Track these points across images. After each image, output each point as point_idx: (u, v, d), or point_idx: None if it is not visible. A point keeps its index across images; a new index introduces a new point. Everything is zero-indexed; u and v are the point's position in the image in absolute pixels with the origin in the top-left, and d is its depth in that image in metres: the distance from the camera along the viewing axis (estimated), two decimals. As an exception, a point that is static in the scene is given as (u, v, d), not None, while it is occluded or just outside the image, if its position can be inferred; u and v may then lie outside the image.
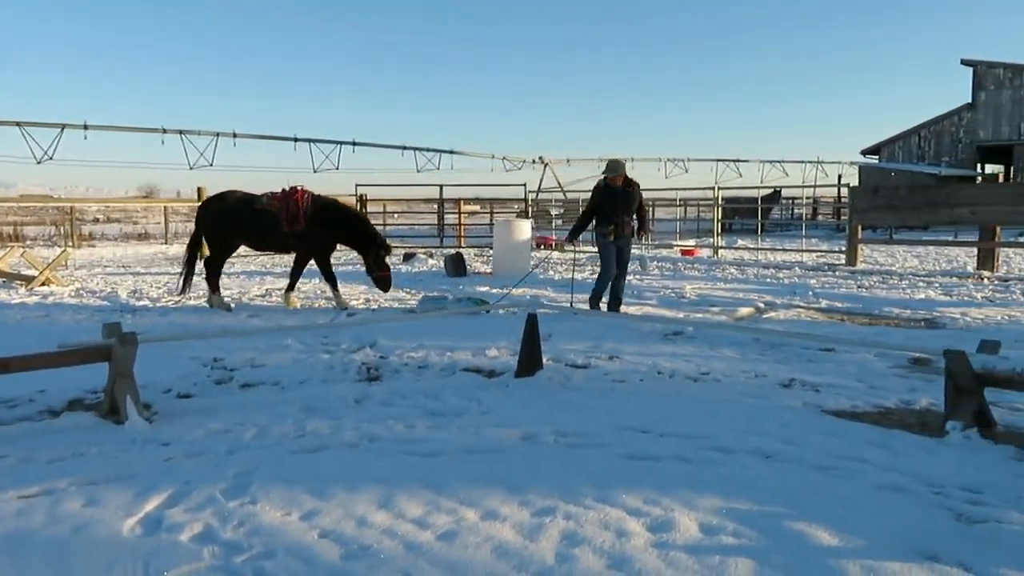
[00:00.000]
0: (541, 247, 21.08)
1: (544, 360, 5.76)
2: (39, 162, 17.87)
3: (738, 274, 13.68)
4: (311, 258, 9.58)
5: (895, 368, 5.91)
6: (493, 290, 11.14)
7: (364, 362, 6.21)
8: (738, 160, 34.47)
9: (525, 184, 22.61)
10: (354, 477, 3.51)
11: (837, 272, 13.53)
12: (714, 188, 20.86)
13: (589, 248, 13.23)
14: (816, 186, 33.48)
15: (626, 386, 5.37)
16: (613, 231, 8.44)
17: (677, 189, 26.51)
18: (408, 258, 16.46)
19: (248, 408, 4.81)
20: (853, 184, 26.72)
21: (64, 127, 18.52)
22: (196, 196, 18.89)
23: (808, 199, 33.90)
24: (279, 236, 9.24)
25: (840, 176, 36.20)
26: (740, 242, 22.05)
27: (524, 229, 14.71)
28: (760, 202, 25.10)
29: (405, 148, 24.98)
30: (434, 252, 18.49)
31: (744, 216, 29.02)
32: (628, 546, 2.82)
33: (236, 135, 20.95)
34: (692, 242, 21.38)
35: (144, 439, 4.13)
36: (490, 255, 16.32)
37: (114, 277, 13.47)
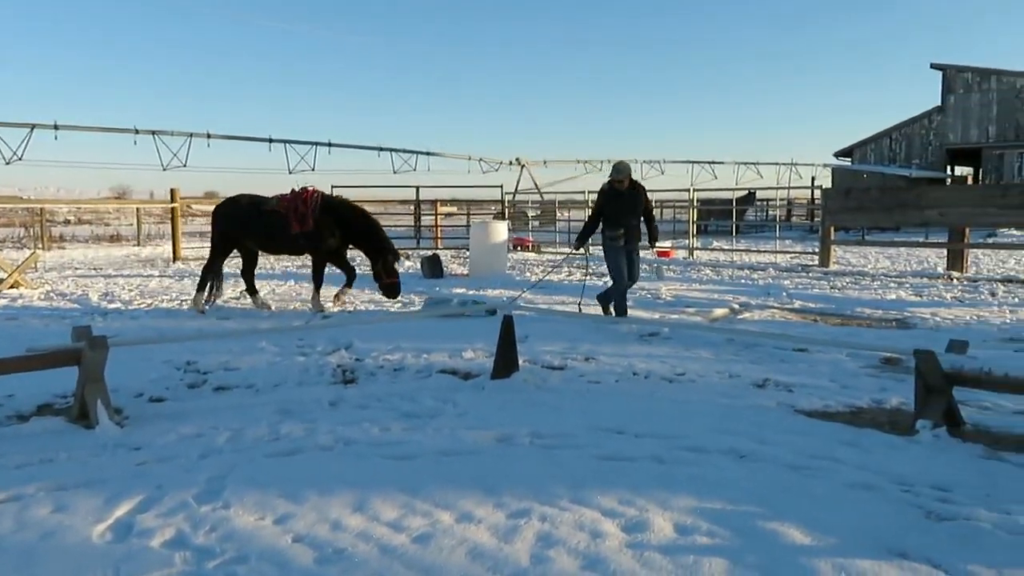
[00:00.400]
0: (518, 248, 21.11)
1: (520, 362, 5.77)
2: (8, 163, 17.59)
3: (713, 275, 13.79)
4: (326, 260, 9.50)
5: (867, 368, 5.98)
6: (469, 291, 11.14)
7: (339, 364, 6.18)
8: (713, 162, 34.83)
9: (502, 186, 22.64)
10: (329, 480, 3.48)
11: (810, 273, 13.67)
12: (689, 190, 21.02)
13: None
14: (790, 188, 33.93)
15: (602, 387, 5.39)
16: (623, 235, 8.17)
17: (653, 191, 26.65)
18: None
19: (221, 412, 4.76)
20: (826, 186, 27.05)
21: (34, 127, 18.24)
22: (169, 197, 18.68)
23: (782, 201, 34.27)
24: (288, 237, 9.17)
25: (813, 178, 36.67)
26: (715, 243, 22.23)
27: (501, 231, 14.73)
28: (735, 204, 25.30)
29: (381, 149, 24.94)
30: (411, 254, 18.42)
31: (719, 218, 29.24)
32: (603, 547, 2.83)
33: (210, 136, 20.78)
34: (668, 243, 21.50)
35: (115, 444, 4.08)
36: (467, 257, 16.31)
37: (85, 279, 13.28)
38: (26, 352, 4.76)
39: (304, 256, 10.60)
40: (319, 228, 9.05)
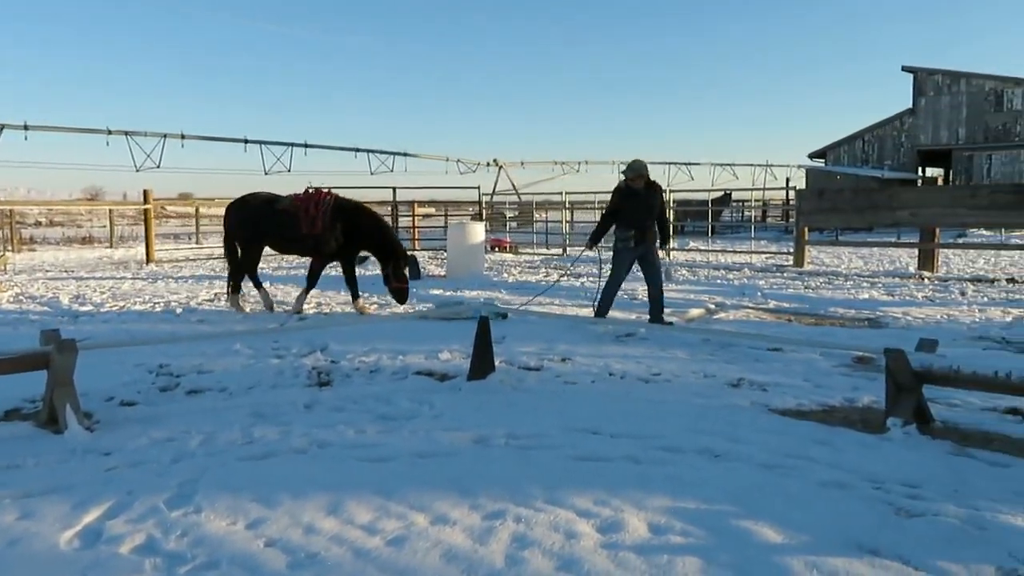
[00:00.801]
0: (495, 250, 21.11)
1: (497, 363, 5.76)
2: (-24, 163, 17.28)
3: (689, 275, 13.87)
4: (339, 260, 9.40)
5: (840, 367, 6.05)
6: (446, 292, 11.11)
7: (315, 367, 6.13)
8: (690, 163, 35.08)
9: (479, 187, 22.63)
10: (302, 484, 3.46)
11: (785, 273, 13.81)
12: (666, 191, 21.12)
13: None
14: (765, 189, 34.25)
15: (578, 388, 5.40)
16: (634, 236, 7.94)
17: (630, 192, 26.77)
18: (361, 261, 16.28)
19: (194, 415, 4.71)
20: (800, 187, 27.33)
21: (3, 127, 17.95)
22: (142, 198, 18.46)
23: (758, 202, 34.58)
24: (299, 238, 9.07)
25: (788, 179, 37.01)
26: (692, 244, 22.36)
27: (478, 232, 14.72)
28: (711, 204, 25.50)
29: (358, 150, 24.85)
30: (285, 255, 18.33)
31: (695, 218, 29.44)
32: (578, 547, 2.83)
33: (184, 136, 20.57)
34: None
35: (84, 449, 4.01)
36: (444, 258, 16.28)
37: (56, 282, 13.08)
38: (-7, 356, 4.67)
39: (285, 258, 10.52)
40: (327, 231, 8.95)
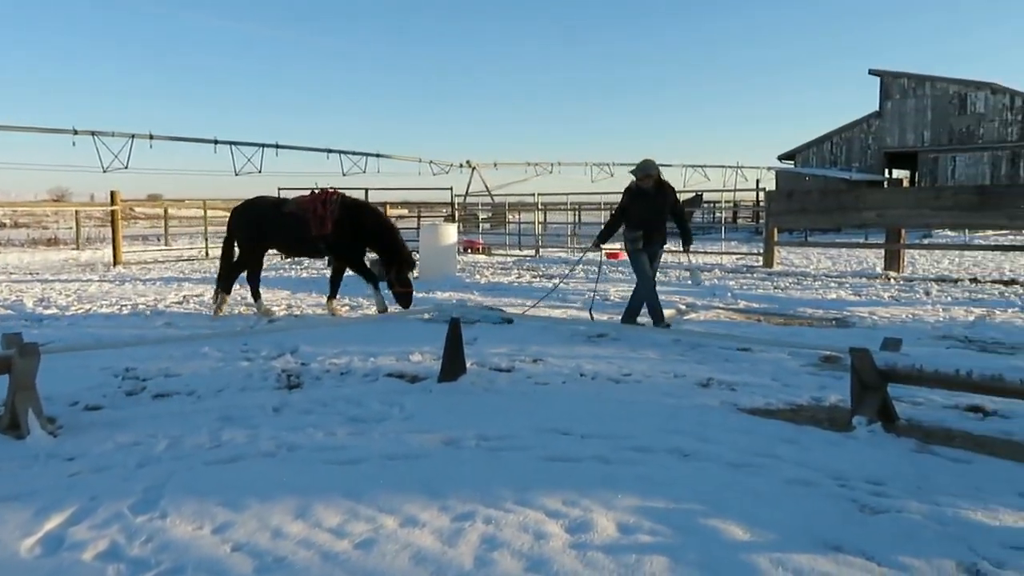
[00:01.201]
0: (468, 251, 21.09)
1: (468, 364, 5.76)
2: (-64, 164, 16.91)
3: (661, 276, 13.93)
4: (348, 262, 9.28)
5: (807, 366, 6.12)
6: (418, 294, 11.07)
7: (284, 369, 6.08)
8: (662, 165, 35.24)
9: (451, 188, 22.57)
10: (270, 487, 3.43)
11: (755, 274, 13.95)
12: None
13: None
14: (736, 190, 34.53)
15: (549, 388, 5.41)
16: (642, 237, 7.84)
17: (603, 193, 26.91)
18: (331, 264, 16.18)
19: (161, 419, 4.65)
20: (770, 188, 27.64)
21: (-36, 127, 17.60)
22: (110, 200, 18.19)
23: (728, 203, 34.90)
24: (307, 240, 8.95)
25: (758, 181, 37.42)
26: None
27: (450, 233, 14.71)
28: (685, 205, 25.65)
29: (330, 151, 24.68)
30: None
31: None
32: (547, 548, 2.84)
33: (152, 137, 20.29)
34: (617, 245, 21.70)
35: (47, 454, 3.94)
36: (416, 259, 16.21)
37: (20, 285, 12.83)
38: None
39: (265, 260, 10.39)
40: (338, 232, 8.84)
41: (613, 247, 20.24)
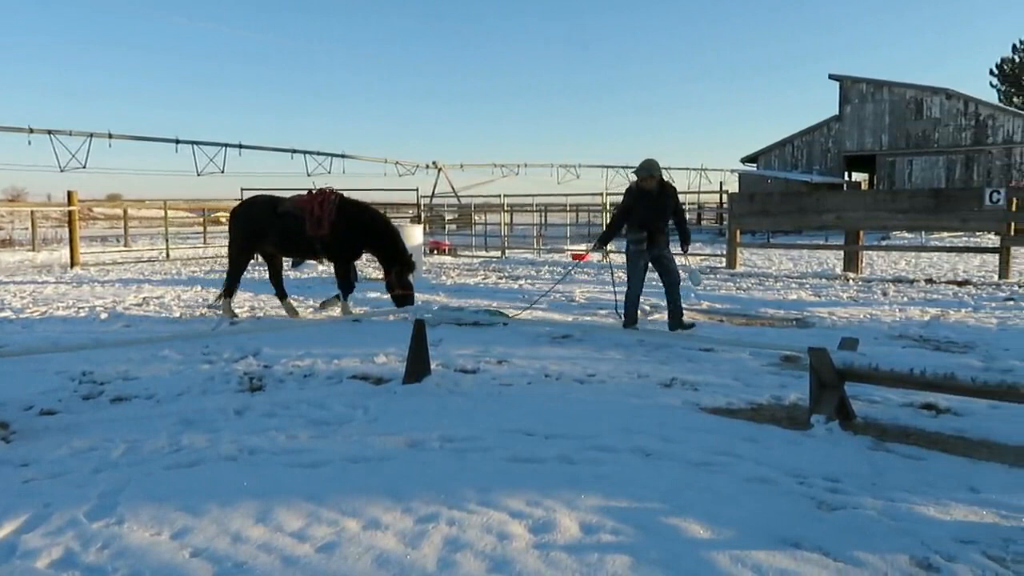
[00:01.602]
0: (434, 252, 21.04)
1: (433, 366, 5.75)
2: None
3: (626, 277, 14.04)
4: (348, 263, 9.09)
5: (768, 366, 6.21)
6: (384, 295, 11.01)
7: (247, 372, 6.01)
8: (627, 167, 35.53)
9: (417, 189, 22.48)
10: (231, 491, 3.39)
11: (718, 275, 14.11)
12: (603, 194, 21.40)
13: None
14: (700, 192, 34.97)
15: (514, 390, 5.42)
16: (646, 239, 7.74)
17: (568, 195, 27.05)
18: (297, 264, 16.04)
19: (119, 423, 4.57)
20: (733, 191, 28.00)
21: (-87, 124, 17.13)
22: (67, 200, 17.80)
23: (692, 204, 35.29)
24: (304, 241, 8.78)
25: (722, 183, 37.89)
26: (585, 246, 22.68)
27: (416, 235, 14.66)
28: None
29: (295, 151, 24.46)
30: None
31: (633, 221, 29.83)
32: (510, 548, 2.85)
33: (112, 136, 19.93)
34: (583, 247, 21.84)
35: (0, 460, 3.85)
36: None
37: (-28, 287, 12.50)
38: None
39: (219, 261, 10.25)
40: (335, 233, 8.67)
41: (578, 249, 20.36)
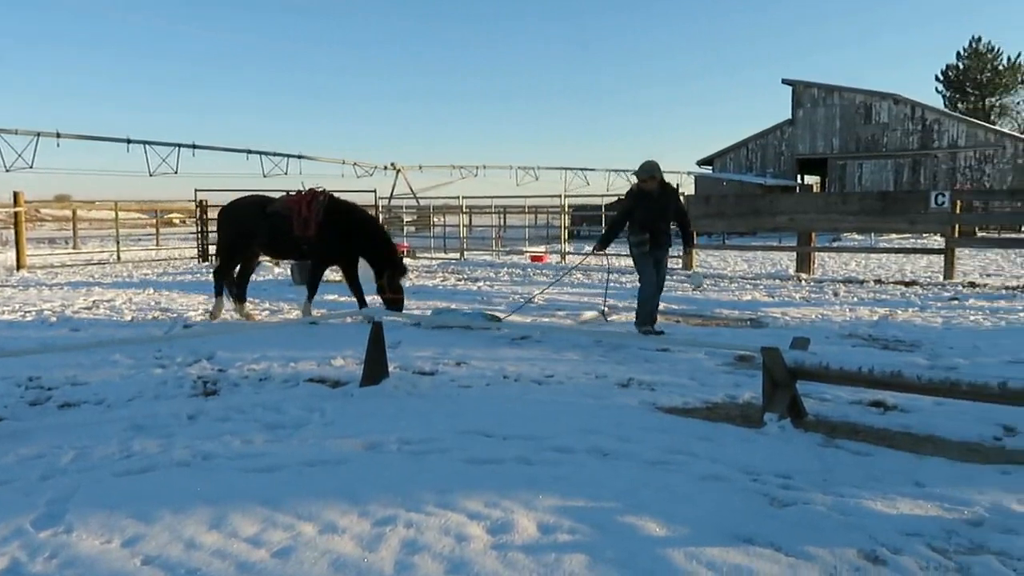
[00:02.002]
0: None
1: (391, 368, 5.72)
2: None
3: (584, 279, 14.16)
4: (326, 267, 8.96)
5: (723, 365, 6.32)
6: (341, 298, 10.93)
7: (201, 376, 5.92)
8: (585, 169, 35.78)
9: (375, 190, 22.34)
10: (184, 497, 3.33)
11: (675, 276, 14.26)
12: (562, 196, 21.52)
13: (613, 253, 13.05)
14: (657, 194, 35.33)
15: (472, 391, 5.42)
16: (649, 240, 7.70)
17: (527, 196, 27.16)
18: (256, 267, 15.81)
19: (67, 430, 4.46)
20: (689, 193, 28.38)
21: None
22: (12, 200, 17.30)
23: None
24: (291, 242, 8.64)
25: (679, 185, 38.24)
26: (587, 248, 22.82)
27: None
28: (606, 209, 26.09)
29: (250, 152, 24.08)
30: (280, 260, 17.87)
31: (591, 223, 30.09)
32: (468, 550, 2.85)
33: (60, 135, 19.42)
34: (542, 248, 21.95)
35: (-59, 469, 3.73)
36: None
37: (-89, 290, 12.08)
38: None
39: (182, 263, 10.06)
40: (322, 234, 8.53)
41: (537, 250, 20.43)
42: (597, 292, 11.82)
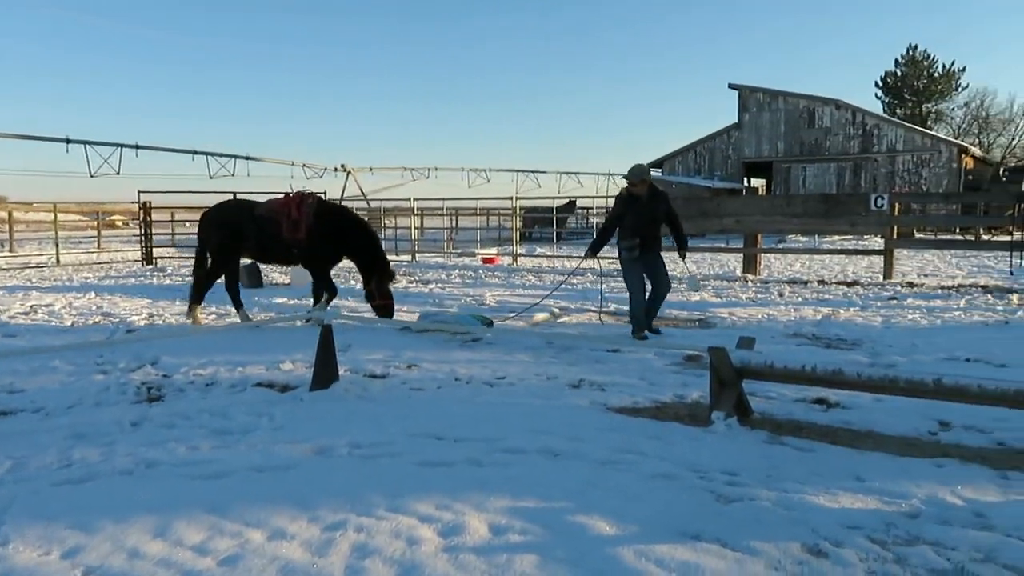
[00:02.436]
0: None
1: (341, 371, 5.67)
2: None
3: (536, 281, 14.21)
4: (325, 269, 8.74)
5: (672, 365, 6.41)
6: (291, 301, 10.79)
7: (144, 382, 5.78)
8: (537, 171, 35.91)
9: (325, 192, 22.07)
10: (127, 506, 3.25)
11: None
12: (513, 198, 21.57)
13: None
14: (608, 196, 35.59)
15: (424, 394, 5.41)
16: (638, 245, 7.65)
17: (479, 199, 27.14)
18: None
19: (3, 439, 4.31)
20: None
21: None
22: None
23: (601, 208, 35.89)
24: (281, 246, 8.41)
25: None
26: (539, 250, 22.94)
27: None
28: (557, 211, 26.26)
29: (196, 153, 23.58)
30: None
31: (542, 225, 30.23)
32: (419, 553, 2.85)
33: (-7, 134, 18.74)
34: (493, 250, 21.95)
35: None
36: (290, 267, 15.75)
37: None
38: None
39: (125, 266, 9.78)
40: (312, 237, 8.33)
41: (489, 252, 20.44)
42: (548, 293, 11.87)
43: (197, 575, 2.67)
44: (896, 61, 55.04)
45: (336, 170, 27.94)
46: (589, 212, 37.75)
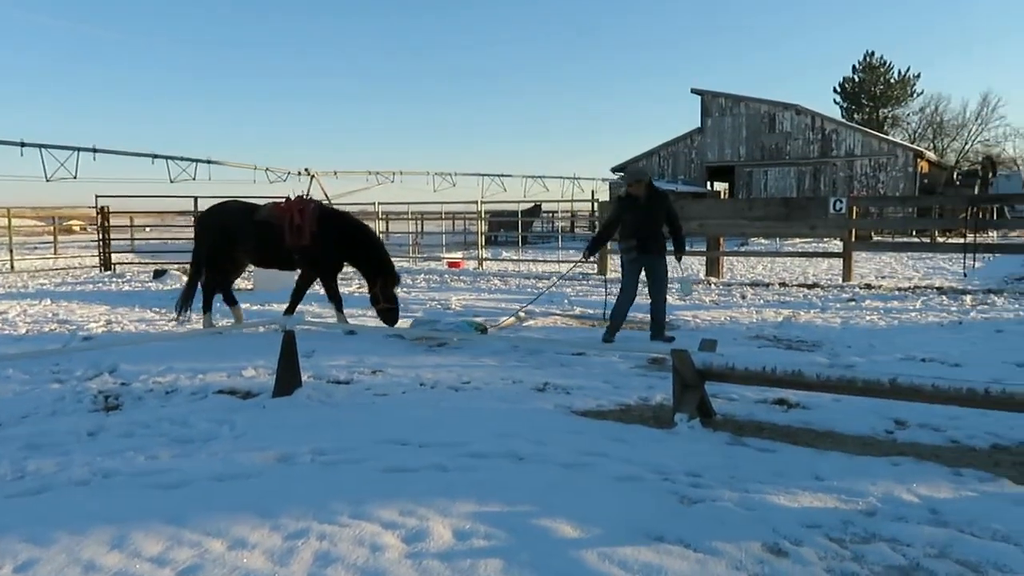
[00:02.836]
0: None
1: (304, 377, 5.62)
2: None
3: (501, 285, 14.22)
4: (316, 277, 8.55)
5: (636, 368, 6.45)
6: (253, 307, 10.66)
7: (102, 390, 5.67)
8: (503, 175, 35.96)
9: (288, 197, 21.85)
10: (83, 518, 3.18)
11: (590, 281, 14.51)
12: (478, 202, 21.58)
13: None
14: (573, 201, 35.82)
15: (388, 399, 5.38)
16: (636, 247, 7.61)
17: (444, 203, 27.12)
18: (159, 275, 15.25)
19: (-47, 451, 4.19)
20: (604, 199, 28.87)
21: None
22: None
23: (566, 212, 36.12)
24: (282, 251, 8.23)
25: (594, 192, 38.93)
26: (504, 254, 22.96)
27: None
28: (522, 215, 26.32)
29: (156, 156, 23.20)
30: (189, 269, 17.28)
31: (508, 229, 30.26)
32: (383, 559, 2.83)
33: (-57, 138, 18.25)
34: (459, 254, 21.91)
35: None
36: (251, 271, 15.56)
37: None
38: None
39: (82, 272, 9.57)
40: (315, 243, 8.15)
41: (454, 256, 20.40)
42: (514, 297, 11.89)
43: (155, 587, 2.62)
44: (854, 67, 56.23)
45: (300, 174, 27.69)
46: (554, 216, 37.97)
